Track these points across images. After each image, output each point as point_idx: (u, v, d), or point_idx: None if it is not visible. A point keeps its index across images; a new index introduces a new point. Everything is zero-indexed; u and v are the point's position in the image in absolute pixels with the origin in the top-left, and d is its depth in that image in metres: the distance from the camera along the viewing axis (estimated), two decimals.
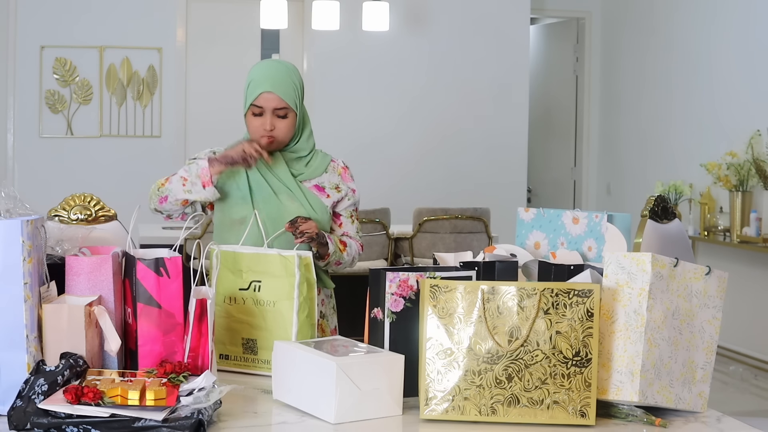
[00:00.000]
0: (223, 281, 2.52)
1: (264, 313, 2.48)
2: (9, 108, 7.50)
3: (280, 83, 2.74)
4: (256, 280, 2.49)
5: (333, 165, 2.87)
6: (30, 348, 2.06)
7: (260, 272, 2.49)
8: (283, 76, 2.76)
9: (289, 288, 2.46)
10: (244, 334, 2.50)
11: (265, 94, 2.72)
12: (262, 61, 2.90)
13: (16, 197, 2.13)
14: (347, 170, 2.88)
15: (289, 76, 2.77)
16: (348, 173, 2.88)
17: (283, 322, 2.46)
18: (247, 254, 2.52)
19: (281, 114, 2.74)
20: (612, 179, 8.85)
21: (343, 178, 2.87)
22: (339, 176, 2.86)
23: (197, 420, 1.89)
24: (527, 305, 2.07)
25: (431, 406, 2.07)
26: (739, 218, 6.74)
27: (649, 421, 2.07)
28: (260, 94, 2.73)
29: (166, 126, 7.74)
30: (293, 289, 2.46)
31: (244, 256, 2.52)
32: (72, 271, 2.24)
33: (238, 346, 2.50)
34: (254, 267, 2.50)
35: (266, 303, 2.48)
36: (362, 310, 2.35)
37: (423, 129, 8.25)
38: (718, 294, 2.22)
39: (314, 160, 2.84)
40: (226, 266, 2.52)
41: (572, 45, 9.22)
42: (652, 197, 2.98)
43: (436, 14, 8.22)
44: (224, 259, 2.52)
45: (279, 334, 2.45)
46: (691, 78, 7.67)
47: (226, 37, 7.93)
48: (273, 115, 2.74)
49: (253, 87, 2.75)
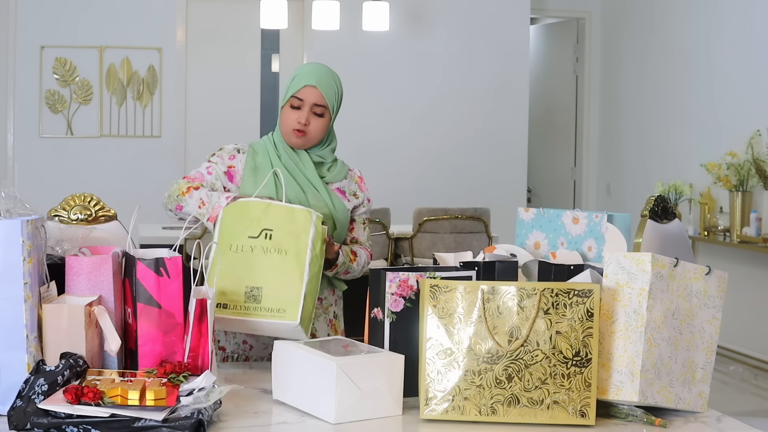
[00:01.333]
0: (229, 230, 2.49)
1: (272, 261, 2.45)
2: (9, 108, 7.50)
3: (325, 82, 2.78)
4: (268, 228, 2.48)
5: (351, 173, 2.92)
6: (30, 348, 2.06)
7: (273, 221, 2.48)
8: (328, 77, 2.81)
9: (304, 239, 2.46)
10: (248, 282, 2.45)
11: (309, 87, 2.76)
12: (309, 63, 2.95)
13: (16, 197, 2.13)
14: (363, 180, 2.95)
15: (333, 79, 2.82)
16: (363, 182, 2.95)
17: (292, 272, 2.44)
18: (261, 203, 2.51)
19: (318, 112, 2.77)
20: (612, 179, 8.85)
21: (360, 187, 2.92)
22: (356, 184, 2.91)
23: (197, 420, 1.89)
24: (527, 305, 2.07)
25: (431, 406, 2.07)
26: (739, 218, 6.75)
27: (649, 421, 2.07)
28: (303, 87, 2.76)
29: (166, 126, 7.74)
30: (308, 240, 2.46)
31: (258, 204, 2.50)
32: (72, 271, 2.24)
33: (240, 294, 2.44)
34: (267, 216, 2.49)
35: (277, 251, 2.46)
36: (362, 310, 2.36)
37: (423, 129, 8.25)
38: (718, 294, 2.22)
39: (335, 167, 2.88)
40: (234, 216, 2.50)
41: (572, 45, 9.22)
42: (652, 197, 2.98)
43: (436, 14, 8.23)
44: (233, 210, 2.50)
45: (287, 283, 2.43)
46: (691, 78, 7.67)
47: (226, 37, 7.93)
48: (310, 111, 2.77)
49: (297, 80, 2.78)
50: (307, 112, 2.76)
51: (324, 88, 2.77)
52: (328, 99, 2.78)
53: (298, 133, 2.77)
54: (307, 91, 2.76)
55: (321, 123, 2.79)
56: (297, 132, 2.77)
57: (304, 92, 2.76)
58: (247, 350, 2.78)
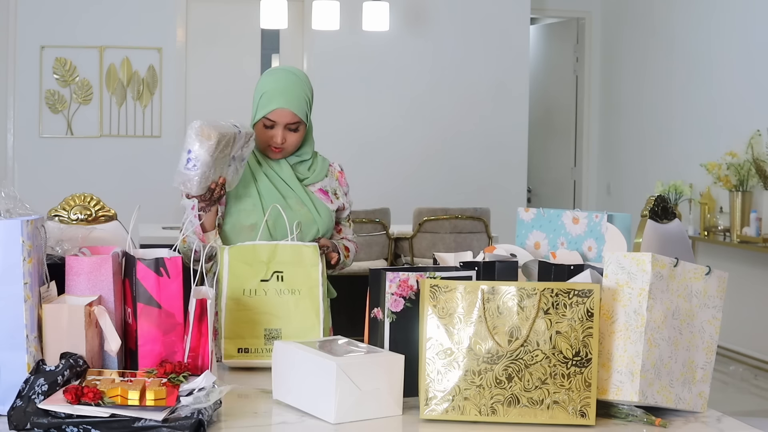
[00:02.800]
0: (239, 275, 2.51)
1: (287, 302, 2.50)
2: (9, 108, 7.50)
3: (294, 98, 2.73)
4: (279, 270, 2.51)
5: (331, 168, 2.89)
6: (30, 348, 2.06)
7: (282, 263, 2.51)
8: (296, 90, 2.74)
9: (314, 275, 2.51)
10: (267, 325, 2.51)
11: (279, 110, 2.72)
12: (274, 71, 2.83)
13: (16, 197, 2.13)
14: (343, 174, 2.91)
15: (302, 89, 2.76)
16: (344, 177, 2.92)
17: (307, 309, 2.50)
18: (267, 246, 2.53)
19: (293, 128, 2.75)
20: (612, 179, 8.85)
21: (339, 183, 2.90)
22: (336, 180, 2.89)
23: (197, 420, 1.89)
24: (527, 305, 2.07)
25: (431, 406, 2.07)
26: (739, 218, 6.75)
27: (649, 421, 2.07)
28: (274, 110, 2.72)
29: (166, 126, 7.74)
30: (318, 275, 2.51)
31: (264, 247, 2.53)
32: (72, 271, 2.24)
33: (259, 338, 2.50)
34: (275, 258, 2.52)
35: (290, 292, 2.50)
36: (362, 310, 2.36)
37: (423, 129, 8.25)
38: (718, 294, 2.22)
39: (315, 164, 2.86)
40: (242, 260, 2.52)
41: (572, 45, 9.22)
42: (652, 197, 2.98)
43: (436, 14, 8.23)
44: (240, 254, 2.52)
45: (304, 321, 2.50)
46: (691, 78, 7.67)
47: (226, 37, 7.93)
48: (284, 129, 2.74)
49: (266, 100, 2.73)
50: (281, 132, 2.74)
51: (295, 106, 2.72)
52: (301, 114, 2.74)
53: (275, 150, 2.77)
54: (278, 114, 2.72)
55: (297, 136, 2.77)
56: (274, 149, 2.77)
57: (276, 114, 2.72)
58: None
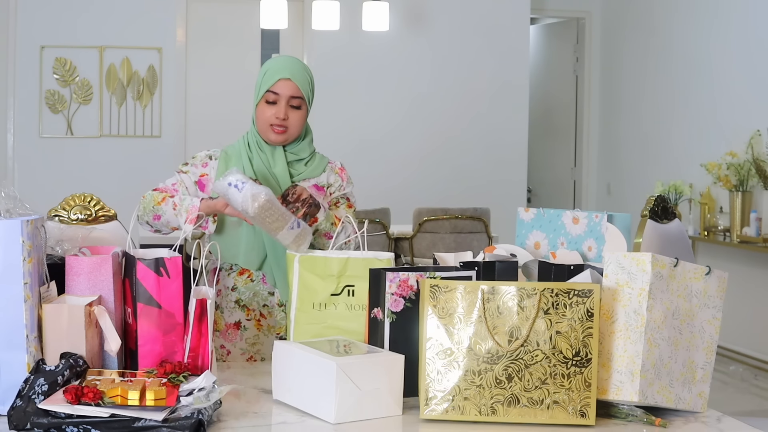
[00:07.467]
0: (309, 287, 2.45)
1: (358, 317, 2.41)
2: (9, 108, 7.49)
3: (299, 73, 2.74)
4: (350, 284, 2.43)
5: (331, 166, 2.87)
6: (30, 348, 2.06)
7: (354, 276, 2.43)
8: (301, 68, 2.77)
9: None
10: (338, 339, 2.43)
11: (283, 81, 2.72)
12: (277, 56, 2.88)
13: (16, 197, 2.13)
14: (344, 171, 2.89)
15: (305, 70, 2.79)
16: (345, 173, 2.89)
17: None
18: (339, 258, 2.45)
19: (296, 104, 2.74)
20: (612, 179, 8.85)
21: (341, 178, 2.87)
22: (336, 175, 2.86)
23: (197, 420, 1.89)
24: (527, 305, 2.07)
25: (431, 406, 2.07)
26: (739, 218, 6.74)
27: (649, 421, 2.07)
28: (278, 81, 2.72)
29: (166, 126, 7.73)
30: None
31: (335, 260, 2.44)
32: (72, 271, 2.24)
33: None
34: (346, 271, 2.43)
35: (362, 307, 2.41)
36: None
37: (423, 129, 8.25)
38: (718, 294, 2.22)
39: (313, 161, 2.84)
40: (313, 272, 2.45)
41: (572, 45, 9.22)
42: (652, 197, 2.98)
43: (436, 14, 8.22)
44: (311, 264, 2.45)
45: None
46: (691, 78, 7.67)
47: (226, 37, 7.93)
48: (287, 105, 2.73)
49: (270, 75, 2.74)
50: (284, 106, 2.72)
51: (298, 80, 2.73)
52: (304, 90, 2.74)
53: (277, 129, 2.73)
54: (281, 85, 2.72)
55: (299, 115, 2.75)
56: (276, 128, 2.73)
57: (279, 86, 2.72)
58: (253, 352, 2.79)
